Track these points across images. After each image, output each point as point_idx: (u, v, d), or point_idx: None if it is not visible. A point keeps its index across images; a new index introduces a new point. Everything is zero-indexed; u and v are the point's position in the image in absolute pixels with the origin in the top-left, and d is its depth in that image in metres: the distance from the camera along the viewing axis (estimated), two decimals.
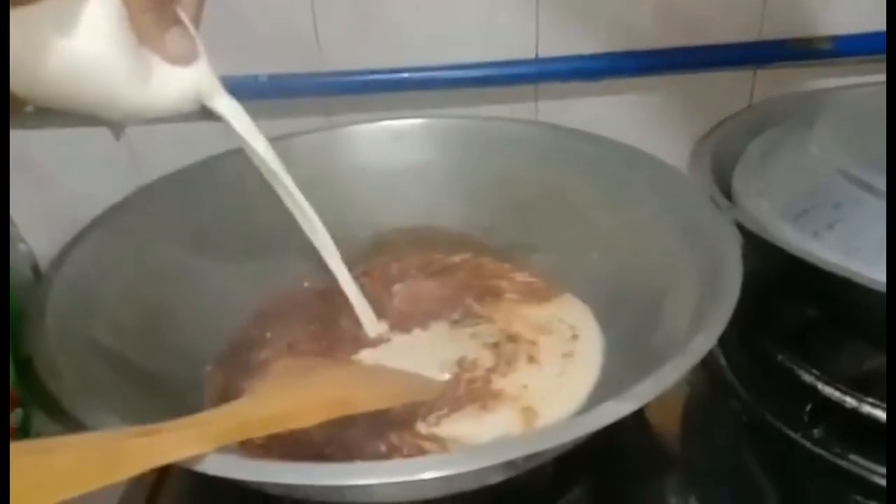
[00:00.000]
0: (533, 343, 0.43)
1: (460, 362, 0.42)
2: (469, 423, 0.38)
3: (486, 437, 0.37)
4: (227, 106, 0.37)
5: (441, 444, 0.36)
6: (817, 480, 0.38)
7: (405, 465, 0.27)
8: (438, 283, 0.50)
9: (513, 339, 0.44)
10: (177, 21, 0.32)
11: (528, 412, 0.38)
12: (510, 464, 0.28)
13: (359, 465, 0.29)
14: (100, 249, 0.42)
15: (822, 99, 0.51)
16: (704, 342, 0.31)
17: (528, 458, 0.27)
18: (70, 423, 0.29)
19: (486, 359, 0.42)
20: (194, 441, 0.26)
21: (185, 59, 0.32)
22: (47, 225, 0.50)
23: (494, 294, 0.48)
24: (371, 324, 0.44)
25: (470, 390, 0.40)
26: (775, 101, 0.54)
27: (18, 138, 0.60)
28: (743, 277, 0.35)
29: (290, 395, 0.33)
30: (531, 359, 0.42)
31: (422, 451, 0.36)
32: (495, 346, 0.44)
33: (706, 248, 0.39)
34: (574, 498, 0.37)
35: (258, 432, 0.29)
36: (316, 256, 0.44)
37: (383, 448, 0.36)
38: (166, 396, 0.37)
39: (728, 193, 0.44)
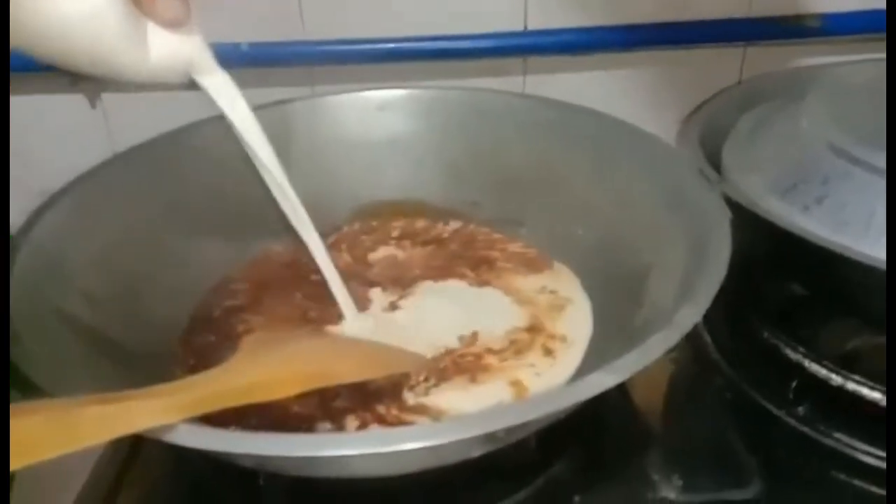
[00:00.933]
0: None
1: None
2: (457, 395, 0.37)
3: (474, 409, 0.36)
4: (219, 84, 0.37)
5: (428, 414, 0.36)
6: (802, 458, 0.37)
7: (382, 436, 0.26)
8: (428, 252, 0.49)
9: None
10: None
11: (518, 385, 0.38)
12: (492, 436, 0.27)
13: (332, 436, 0.28)
14: (69, 218, 0.40)
15: (812, 75, 0.50)
16: (691, 315, 0.30)
17: (511, 430, 0.27)
18: (37, 395, 0.28)
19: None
20: (160, 411, 0.26)
21: (177, 23, 0.32)
22: (17, 194, 0.49)
23: (487, 263, 0.47)
24: (346, 301, 0.43)
25: (457, 362, 0.39)
26: (765, 77, 0.53)
27: None
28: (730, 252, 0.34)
29: (264, 366, 0.32)
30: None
31: (407, 423, 0.35)
32: None
33: (694, 222, 0.38)
34: (557, 473, 0.37)
35: (228, 403, 0.28)
36: (291, 229, 0.43)
37: (369, 418, 0.35)
38: (136, 368, 0.35)
39: (717, 168, 0.43)
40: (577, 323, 0.42)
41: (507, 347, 0.40)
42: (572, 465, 0.38)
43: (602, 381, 0.27)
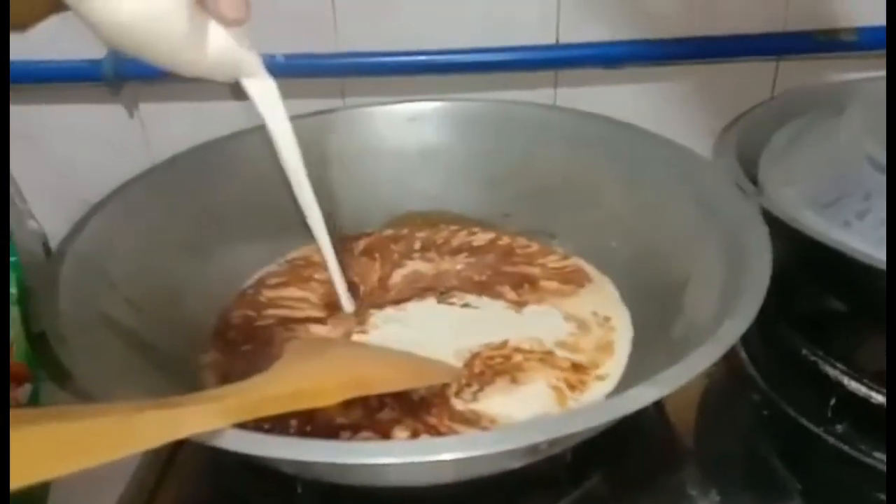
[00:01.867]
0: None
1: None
2: (503, 399, 0.37)
3: (521, 416, 0.36)
4: (263, 88, 0.38)
5: (479, 422, 0.36)
6: (842, 477, 0.37)
7: (430, 445, 0.26)
8: (464, 262, 0.49)
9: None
10: None
11: (559, 391, 0.38)
12: (532, 448, 0.27)
13: (373, 444, 0.28)
14: (111, 225, 0.41)
15: (849, 89, 0.50)
16: (735, 329, 0.30)
17: (553, 442, 0.26)
18: (82, 397, 0.29)
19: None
20: (211, 416, 0.26)
21: (238, 22, 0.33)
22: (57, 203, 0.50)
23: (530, 282, 0.47)
24: (347, 300, 0.43)
25: (488, 365, 0.39)
26: (801, 91, 0.53)
27: (29, 115, 0.60)
28: None
29: (308, 374, 0.32)
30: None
31: (459, 430, 0.35)
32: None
33: (732, 235, 0.38)
34: (592, 487, 0.37)
35: (275, 410, 0.28)
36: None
37: (421, 429, 0.35)
38: (175, 371, 0.36)
39: (753, 181, 0.43)
40: (618, 334, 0.41)
41: (537, 349, 0.40)
42: (607, 479, 0.37)
43: (646, 393, 0.27)
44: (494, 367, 0.39)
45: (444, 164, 0.52)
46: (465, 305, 0.45)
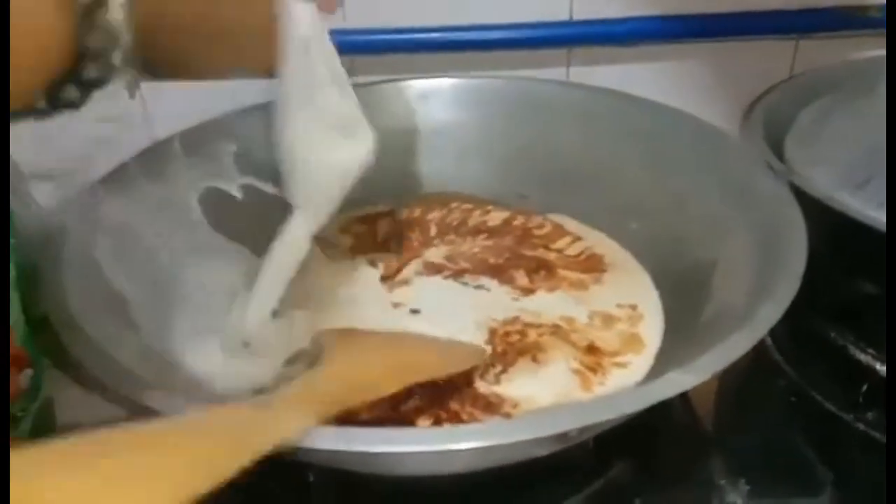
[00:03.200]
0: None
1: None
2: (526, 380, 0.36)
3: (546, 397, 0.35)
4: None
5: (503, 407, 0.34)
6: (873, 466, 0.36)
7: (450, 434, 0.25)
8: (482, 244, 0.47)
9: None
10: None
11: (582, 375, 0.36)
12: (561, 437, 0.26)
13: (392, 432, 0.27)
14: (112, 204, 0.40)
15: (875, 67, 0.48)
16: (771, 312, 0.29)
17: (584, 430, 0.25)
18: (84, 379, 0.27)
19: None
20: (305, 417, 0.26)
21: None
22: (57, 183, 0.48)
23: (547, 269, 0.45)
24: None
25: (511, 343, 0.39)
26: (825, 69, 0.51)
27: None
28: None
29: (370, 364, 0.32)
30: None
31: (481, 418, 0.34)
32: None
33: (763, 216, 0.37)
34: (616, 476, 0.35)
35: (348, 404, 0.29)
36: None
37: (443, 416, 0.34)
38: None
39: (780, 161, 0.41)
40: (645, 322, 0.40)
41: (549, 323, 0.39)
42: (632, 468, 0.36)
43: (681, 380, 0.25)
44: (516, 345, 0.38)
45: (456, 143, 0.51)
46: (479, 287, 0.43)
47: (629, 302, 0.42)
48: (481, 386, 0.36)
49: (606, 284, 0.43)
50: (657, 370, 0.35)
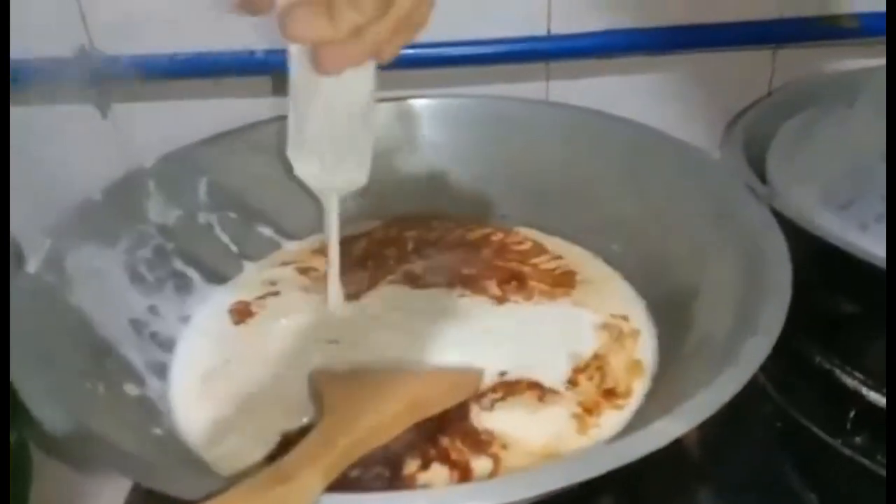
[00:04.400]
0: None
1: None
2: (522, 417, 0.35)
3: (537, 438, 0.34)
4: None
5: (492, 447, 0.33)
6: (862, 493, 0.35)
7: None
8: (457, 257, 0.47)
9: None
10: None
11: (582, 420, 0.35)
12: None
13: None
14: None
15: (857, 78, 0.47)
16: (760, 348, 0.28)
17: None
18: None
19: None
20: (319, 479, 0.26)
21: None
22: (24, 207, 0.47)
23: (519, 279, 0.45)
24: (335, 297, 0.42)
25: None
26: (806, 81, 0.51)
27: None
28: None
29: (378, 408, 0.32)
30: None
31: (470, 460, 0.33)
32: None
33: (746, 242, 0.36)
34: None
35: (361, 452, 0.29)
36: None
37: (432, 455, 0.33)
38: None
39: (761, 179, 0.41)
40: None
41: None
42: (616, 500, 0.35)
43: (671, 428, 0.25)
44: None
45: (434, 164, 0.50)
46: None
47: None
48: (475, 418, 0.35)
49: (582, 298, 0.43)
50: (645, 409, 0.34)
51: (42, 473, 0.37)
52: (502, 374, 0.37)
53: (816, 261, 0.38)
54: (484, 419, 0.35)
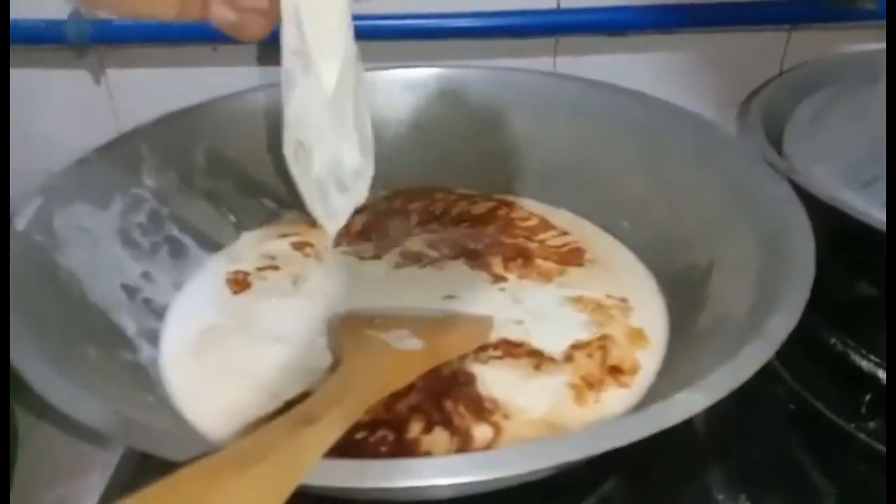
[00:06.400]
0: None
1: None
2: (515, 381, 0.34)
3: (537, 407, 0.33)
4: None
5: (494, 415, 0.32)
6: (876, 478, 0.34)
7: (453, 465, 0.23)
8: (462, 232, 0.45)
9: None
10: None
11: (578, 389, 0.34)
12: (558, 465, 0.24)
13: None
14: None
15: (876, 59, 0.46)
16: (784, 322, 0.27)
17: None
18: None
19: None
20: (342, 420, 0.26)
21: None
22: (16, 174, 0.45)
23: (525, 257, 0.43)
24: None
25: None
26: (823, 61, 0.49)
27: None
28: None
29: (393, 353, 0.32)
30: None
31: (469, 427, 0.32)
32: None
33: (763, 216, 0.35)
34: (609, 492, 0.33)
35: (378, 396, 0.29)
36: None
37: (436, 418, 0.32)
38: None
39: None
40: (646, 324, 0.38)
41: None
42: (625, 483, 0.34)
43: (693, 401, 0.23)
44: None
45: (441, 136, 0.48)
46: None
47: (619, 295, 0.40)
48: (481, 385, 0.34)
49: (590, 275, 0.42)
50: (658, 386, 0.33)
51: (28, 441, 0.36)
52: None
53: (834, 239, 0.37)
54: (486, 385, 0.34)
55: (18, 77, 0.56)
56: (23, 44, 0.53)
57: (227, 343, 0.37)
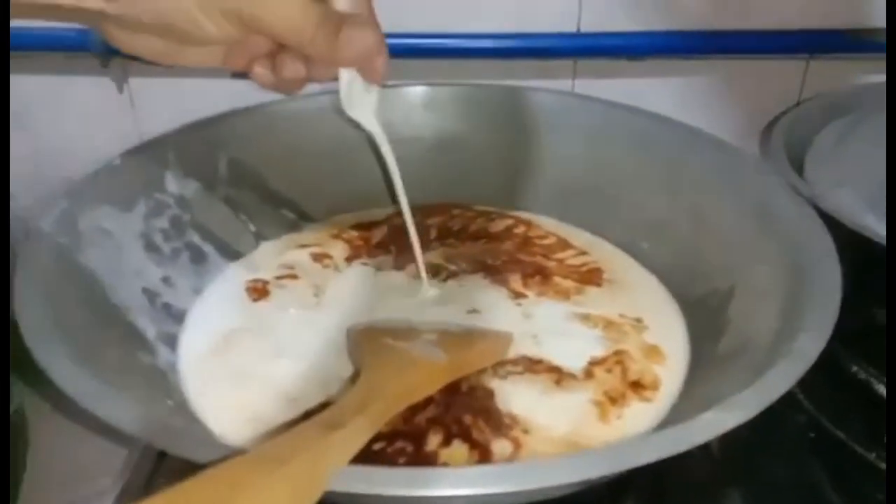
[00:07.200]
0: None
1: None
2: (536, 396, 0.34)
3: (559, 425, 0.32)
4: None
5: (514, 430, 0.32)
6: None
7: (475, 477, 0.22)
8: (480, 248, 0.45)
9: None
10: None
11: (603, 407, 0.34)
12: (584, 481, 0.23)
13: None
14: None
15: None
16: (814, 342, 0.27)
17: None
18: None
19: None
20: (369, 426, 0.26)
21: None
22: (38, 180, 0.46)
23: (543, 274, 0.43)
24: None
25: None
26: (841, 92, 0.50)
27: (10, 86, 0.55)
28: None
29: (415, 363, 0.32)
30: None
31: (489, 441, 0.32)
32: None
33: (788, 240, 0.35)
34: None
35: (401, 407, 0.29)
36: None
37: (455, 431, 0.32)
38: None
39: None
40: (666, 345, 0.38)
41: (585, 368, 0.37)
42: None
43: (722, 420, 0.23)
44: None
45: (460, 154, 0.49)
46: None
47: (634, 315, 0.40)
48: (500, 401, 0.34)
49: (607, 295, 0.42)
50: (682, 406, 0.33)
51: (40, 445, 0.36)
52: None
53: (857, 265, 0.37)
54: (505, 400, 0.34)
55: (43, 84, 0.57)
56: (48, 51, 0.54)
57: (246, 349, 0.37)
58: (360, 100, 0.34)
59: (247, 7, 0.28)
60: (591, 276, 0.43)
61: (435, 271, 0.43)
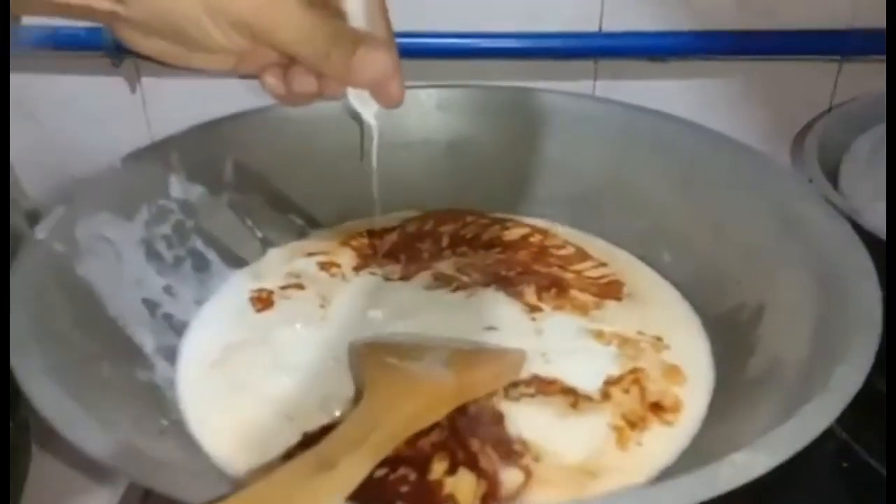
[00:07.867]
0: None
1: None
2: (550, 420, 0.32)
3: (574, 451, 0.31)
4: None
5: (524, 458, 0.30)
6: None
7: None
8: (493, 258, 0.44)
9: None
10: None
11: (622, 432, 0.32)
12: None
13: None
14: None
15: None
16: (853, 375, 0.25)
17: None
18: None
19: None
20: (363, 465, 0.25)
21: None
22: (49, 179, 0.45)
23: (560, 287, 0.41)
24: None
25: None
26: (879, 95, 0.47)
27: (22, 85, 0.55)
28: None
29: (419, 388, 0.30)
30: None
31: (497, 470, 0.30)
32: None
33: (822, 258, 0.33)
34: None
35: (402, 437, 0.28)
36: None
37: (461, 458, 0.30)
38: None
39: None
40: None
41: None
42: None
43: (754, 462, 0.21)
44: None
45: (474, 157, 0.47)
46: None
47: (653, 332, 0.38)
48: (510, 425, 0.32)
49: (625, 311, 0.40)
50: (707, 433, 0.31)
51: (36, 469, 0.35)
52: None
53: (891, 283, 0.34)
54: (516, 424, 0.32)
55: (55, 83, 0.56)
56: (61, 50, 0.53)
57: (246, 364, 0.35)
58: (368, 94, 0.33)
59: (257, 21, 0.27)
60: (610, 290, 0.41)
61: (446, 281, 0.41)
